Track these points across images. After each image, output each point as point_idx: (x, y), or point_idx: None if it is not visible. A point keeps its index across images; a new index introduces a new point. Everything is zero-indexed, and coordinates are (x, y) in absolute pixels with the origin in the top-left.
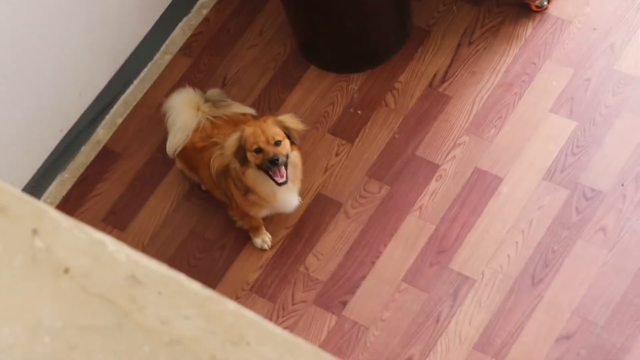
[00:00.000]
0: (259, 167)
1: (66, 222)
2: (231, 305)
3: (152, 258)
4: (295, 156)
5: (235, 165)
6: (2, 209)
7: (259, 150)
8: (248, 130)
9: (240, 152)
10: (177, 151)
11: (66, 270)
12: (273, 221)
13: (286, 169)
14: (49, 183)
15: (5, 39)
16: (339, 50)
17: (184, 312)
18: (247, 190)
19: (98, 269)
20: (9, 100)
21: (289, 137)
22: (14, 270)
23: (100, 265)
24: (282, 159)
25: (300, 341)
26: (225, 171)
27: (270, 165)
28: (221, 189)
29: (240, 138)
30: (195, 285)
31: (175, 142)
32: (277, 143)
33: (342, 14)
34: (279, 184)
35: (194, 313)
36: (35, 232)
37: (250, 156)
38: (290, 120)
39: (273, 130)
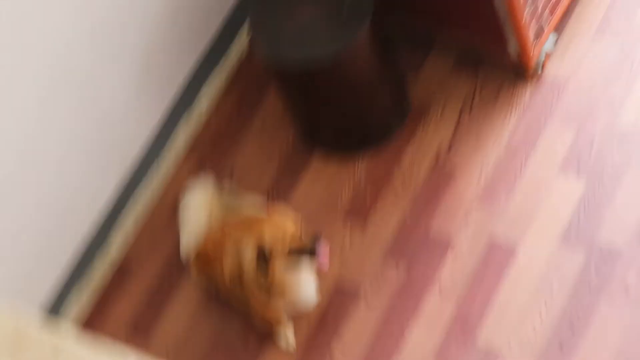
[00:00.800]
0: (302, 256)
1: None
2: None
3: None
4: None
5: (255, 272)
6: (22, 339)
7: (292, 250)
8: (268, 237)
9: (263, 261)
10: (192, 259)
11: None
12: (296, 320)
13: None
14: (68, 306)
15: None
16: (340, 133)
17: None
18: (270, 287)
19: None
20: (21, 223)
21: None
22: None
23: None
24: (317, 243)
25: None
26: (240, 279)
27: (313, 249)
28: (236, 296)
29: (260, 249)
30: None
31: (187, 242)
32: (297, 233)
33: (339, 99)
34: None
35: None
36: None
37: (282, 260)
38: (287, 220)
39: (289, 224)
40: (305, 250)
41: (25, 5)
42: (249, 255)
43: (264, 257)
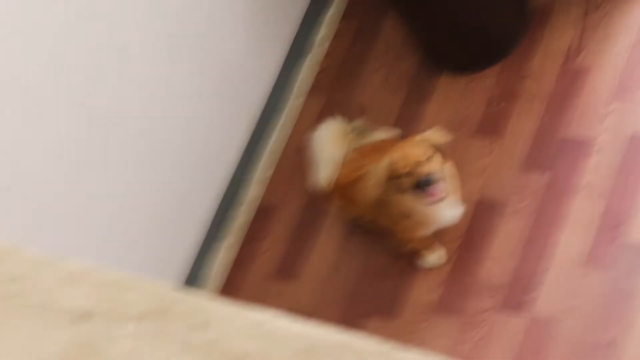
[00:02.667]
0: (414, 189)
1: (229, 308)
2: (412, 355)
3: (320, 323)
4: (448, 168)
5: (390, 192)
6: (167, 310)
7: (410, 173)
8: (395, 155)
9: (393, 179)
10: (331, 187)
11: (244, 357)
12: (442, 235)
13: (442, 184)
14: (216, 252)
15: (143, 125)
16: (465, 49)
17: None
18: (408, 214)
19: (273, 348)
20: (160, 186)
21: (437, 151)
22: None
23: (273, 344)
24: (434, 177)
25: None
26: (382, 199)
27: (425, 186)
28: (383, 216)
29: (389, 165)
30: (371, 343)
31: (322, 173)
32: (427, 161)
33: (461, 13)
34: (437, 202)
35: None
36: (204, 325)
37: (403, 180)
38: (435, 134)
39: (420, 150)
40: (415, 184)
41: None
42: (382, 176)
43: (395, 178)
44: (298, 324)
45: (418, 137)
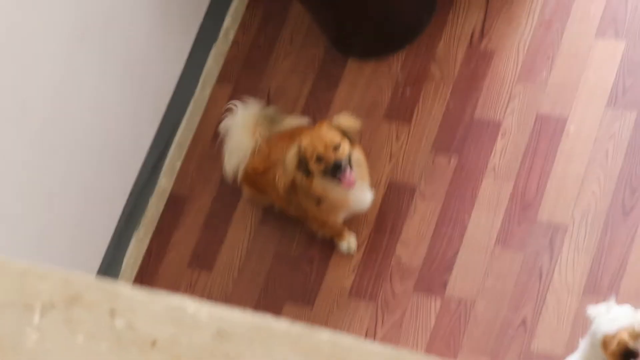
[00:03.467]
0: (324, 174)
1: (140, 295)
2: (324, 335)
3: (233, 307)
4: (357, 154)
5: (301, 178)
6: (76, 299)
7: (320, 159)
8: (305, 141)
9: (303, 165)
10: (240, 176)
11: (153, 344)
12: (353, 222)
13: (351, 169)
14: (127, 245)
15: (48, 116)
16: (371, 35)
17: (281, 355)
18: (319, 200)
19: (184, 334)
20: (71, 176)
21: (347, 137)
22: (103, 357)
23: (185, 329)
24: (344, 162)
25: (403, 352)
26: (293, 186)
27: (335, 171)
28: (294, 205)
29: (299, 151)
30: (283, 325)
31: (232, 163)
32: (336, 147)
33: (366, 0)
34: (348, 187)
35: (290, 353)
36: (112, 313)
37: (313, 166)
38: (344, 120)
39: (330, 135)
40: (326, 169)
41: None
42: (290, 158)
43: (301, 163)
44: (209, 309)
45: (327, 123)
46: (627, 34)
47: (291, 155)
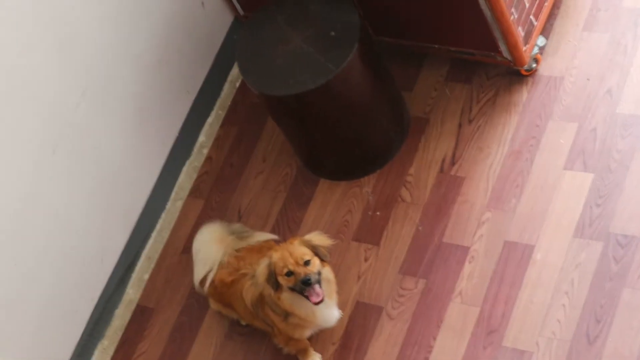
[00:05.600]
0: (293, 289)
1: None
2: None
3: None
4: (327, 272)
5: (270, 292)
6: None
7: (290, 274)
8: (276, 255)
9: (272, 278)
10: (207, 287)
11: None
12: (319, 339)
13: (320, 286)
14: (91, 354)
15: (15, 224)
16: (343, 158)
17: None
18: (286, 315)
19: None
20: (34, 285)
21: (317, 254)
22: None
23: None
24: (314, 278)
25: None
26: (261, 300)
27: (304, 286)
28: (260, 318)
29: (270, 264)
30: None
31: (199, 274)
32: (307, 263)
33: (337, 122)
34: (316, 304)
35: None
36: None
37: (282, 280)
38: (316, 237)
39: (300, 251)
40: (296, 288)
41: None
42: (260, 271)
43: (271, 276)
44: None
45: (299, 239)
46: (595, 166)
47: (262, 268)
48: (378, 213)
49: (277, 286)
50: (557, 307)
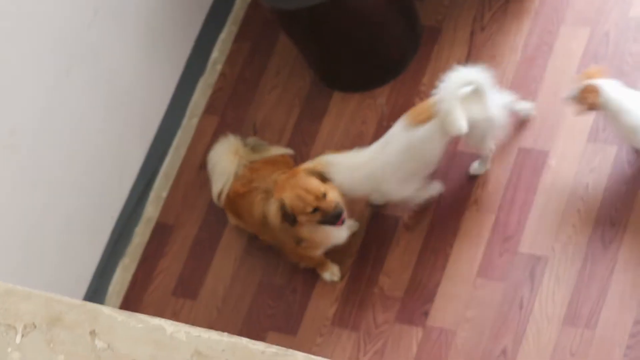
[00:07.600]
0: (323, 223)
1: (120, 316)
2: (299, 356)
3: (210, 329)
4: (335, 192)
5: (287, 228)
6: (57, 320)
7: (315, 210)
8: (288, 195)
9: (289, 218)
10: (223, 200)
11: None
12: (338, 251)
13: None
14: (113, 272)
15: (35, 144)
16: (357, 69)
17: None
18: (299, 240)
19: (163, 353)
20: (54, 208)
21: (323, 179)
22: None
23: (163, 349)
24: (340, 208)
25: None
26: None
27: (334, 219)
28: (268, 234)
29: (283, 206)
30: (260, 346)
31: (217, 187)
32: (324, 195)
33: (350, 34)
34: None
35: None
36: (93, 334)
37: (306, 217)
38: (314, 164)
39: (314, 184)
40: (326, 219)
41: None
42: (273, 214)
43: (288, 216)
44: (187, 330)
45: (302, 170)
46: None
47: (274, 212)
48: (392, 124)
49: (294, 223)
50: (572, 212)
